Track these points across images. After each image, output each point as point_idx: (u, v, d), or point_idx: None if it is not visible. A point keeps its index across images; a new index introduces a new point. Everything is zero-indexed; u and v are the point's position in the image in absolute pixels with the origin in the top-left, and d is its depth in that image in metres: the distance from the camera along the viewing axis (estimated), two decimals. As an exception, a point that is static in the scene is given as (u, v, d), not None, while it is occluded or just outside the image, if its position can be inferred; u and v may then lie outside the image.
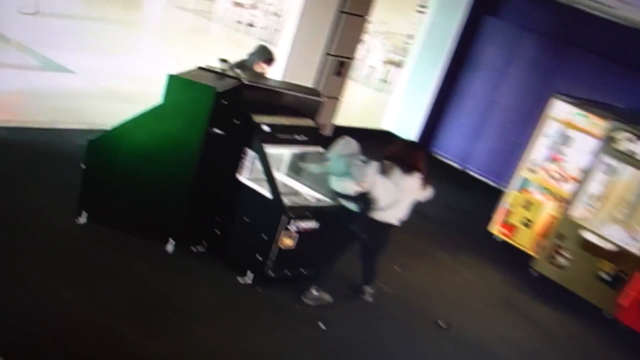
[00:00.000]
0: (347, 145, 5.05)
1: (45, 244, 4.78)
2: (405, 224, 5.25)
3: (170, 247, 5.08)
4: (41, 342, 3.83)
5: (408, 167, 4.84)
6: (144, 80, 8.34)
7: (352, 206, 4.93)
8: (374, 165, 4.86)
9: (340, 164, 4.94)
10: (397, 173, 4.83)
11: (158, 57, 10.07)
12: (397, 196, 4.85)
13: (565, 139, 7.21)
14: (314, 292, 5.05)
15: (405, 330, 5.19)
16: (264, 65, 5.67)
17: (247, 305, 4.84)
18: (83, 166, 5.07)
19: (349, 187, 4.88)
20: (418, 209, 5.14)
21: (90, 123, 6.78)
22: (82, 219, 5.10)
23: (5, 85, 7.32)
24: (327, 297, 5.09)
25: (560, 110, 6.99)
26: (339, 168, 4.93)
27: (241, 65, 5.62)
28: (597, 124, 6.66)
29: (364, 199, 4.85)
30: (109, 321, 4.18)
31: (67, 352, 3.84)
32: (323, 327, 4.83)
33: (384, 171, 4.82)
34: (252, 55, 5.79)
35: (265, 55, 5.76)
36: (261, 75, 5.69)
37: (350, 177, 4.84)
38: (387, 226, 4.99)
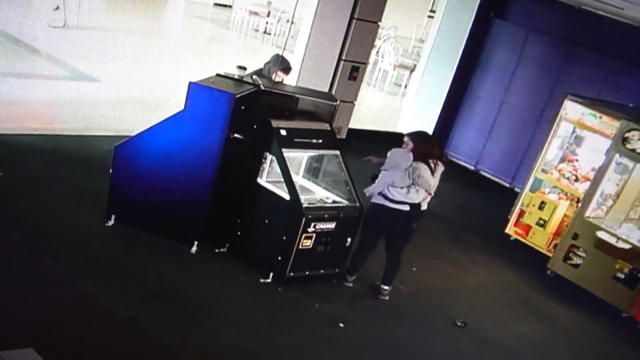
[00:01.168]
0: (405, 156, 4.98)
1: (74, 244, 4.86)
2: (422, 226, 5.28)
3: (194, 248, 5.14)
4: (69, 336, 3.90)
5: (441, 158, 5.13)
6: (167, 87, 8.45)
7: (406, 208, 5.03)
8: (426, 169, 4.98)
9: (405, 176, 4.95)
10: (439, 167, 5.09)
11: (179, 65, 10.17)
12: (436, 185, 5.14)
13: (577, 139, 7.15)
14: (385, 287, 5.29)
15: (423, 328, 5.18)
16: (281, 74, 5.69)
17: (269, 305, 4.87)
18: (110, 171, 5.15)
19: (421, 196, 5.03)
20: (432, 209, 5.16)
21: (117, 130, 6.88)
22: (111, 222, 5.18)
23: (36, 95, 7.47)
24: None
25: (572, 110, 6.92)
26: (405, 180, 4.96)
27: (259, 73, 5.65)
28: (609, 124, 6.59)
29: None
30: (134, 317, 4.23)
31: (93, 345, 3.90)
32: (342, 326, 4.84)
33: (432, 170, 5.01)
34: (268, 63, 5.82)
35: (282, 64, 5.78)
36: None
37: (418, 187, 4.98)
38: (424, 212, 5.22)
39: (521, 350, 5.28)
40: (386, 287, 5.34)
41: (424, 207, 5.17)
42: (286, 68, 5.81)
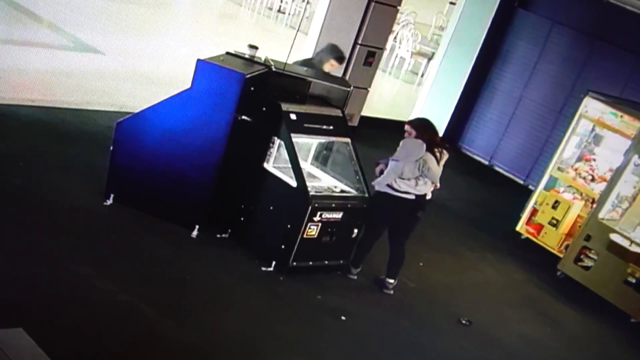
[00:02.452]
0: (418, 147, 4.92)
1: (69, 222, 4.81)
2: (430, 219, 5.22)
3: (195, 232, 5.09)
4: (61, 317, 3.86)
5: (443, 146, 5.10)
6: (174, 63, 8.35)
7: (412, 196, 5.01)
8: (433, 160, 4.95)
9: (414, 167, 4.91)
10: (445, 156, 5.08)
11: (187, 40, 10.07)
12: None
13: (596, 138, 7.06)
14: (390, 281, 5.25)
15: (426, 325, 5.14)
16: (335, 63, 5.56)
17: (269, 294, 4.83)
18: (111, 148, 5.09)
19: (429, 188, 5.03)
20: (443, 204, 5.11)
21: (120, 105, 6.80)
22: (109, 201, 5.13)
23: (36, 64, 7.36)
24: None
25: (592, 108, 6.82)
26: (414, 172, 4.92)
27: (308, 63, 5.54)
28: (630, 124, 6.49)
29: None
30: (129, 300, 4.19)
31: (86, 328, 3.86)
32: (344, 319, 4.80)
33: (437, 159, 4.98)
34: (321, 52, 5.70)
35: (335, 52, 5.63)
36: (328, 74, 5.54)
37: (426, 179, 4.97)
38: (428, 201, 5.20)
39: (525, 351, 5.25)
40: (391, 281, 5.30)
41: (429, 196, 5.14)
42: (339, 57, 5.65)
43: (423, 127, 5.03)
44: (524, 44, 9.02)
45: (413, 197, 4.99)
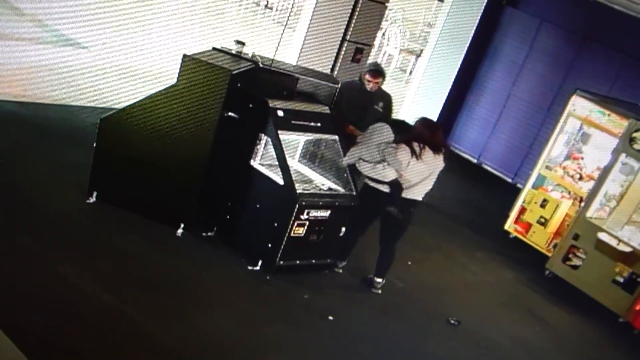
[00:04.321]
0: (382, 132, 5.00)
1: (51, 222, 4.72)
2: (419, 217, 5.18)
3: (180, 231, 5.02)
4: (43, 319, 3.78)
5: (437, 147, 4.98)
6: (159, 58, 8.25)
7: (385, 189, 4.98)
8: (406, 151, 4.88)
9: (375, 151, 4.94)
10: (429, 154, 4.94)
11: (173, 35, 9.95)
12: (427, 174, 5.00)
13: (584, 137, 7.07)
14: (379, 280, 5.24)
15: (415, 325, 5.12)
16: (370, 78, 5.53)
17: (256, 294, 4.78)
18: (94, 145, 4.99)
19: (389, 174, 4.93)
20: (431, 202, 5.07)
21: (103, 101, 6.71)
22: (92, 199, 5.04)
23: (18, 60, 7.25)
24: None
25: (580, 106, 6.84)
26: (374, 155, 4.93)
27: (352, 81, 5.64)
28: (617, 122, 6.52)
29: (397, 182, 4.96)
30: (112, 302, 4.12)
31: (68, 330, 3.78)
32: (331, 319, 4.76)
33: (415, 153, 4.90)
34: (362, 68, 5.74)
35: (370, 66, 5.72)
36: (364, 89, 5.54)
37: (386, 164, 4.91)
38: (415, 203, 5.10)
39: (513, 351, 5.25)
40: (379, 280, 5.27)
41: (419, 198, 5.09)
42: (372, 70, 5.61)
43: (421, 122, 5.12)
44: (512, 42, 9.03)
45: (387, 189, 4.98)
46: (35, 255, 4.31)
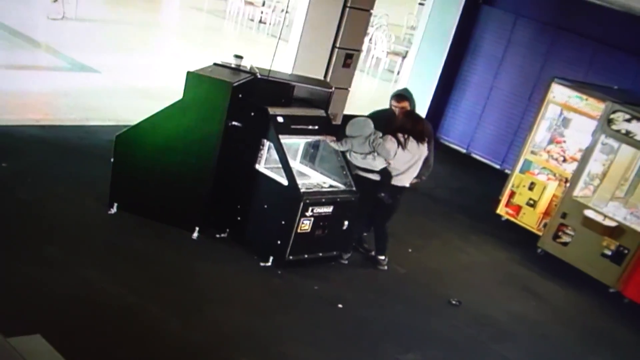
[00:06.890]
0: (365, 125, 5.06)
1: (77, 232, 4.76)
2: (416, 207, 5.19)
3: (195, 234, 5.05)
4: (74, 322, 3.82)
5: (420, 136, 5.09)
6: (165, 77, 8.29)
7: (376, 177, 5.09)
8: (392, 141, 4.98)
9: (363, 143, 5.01)
10: (413, 143, 5.05)
11: (177, 55, 9.99)
12: (412, 162, 5.11)
13: (564, 121, 7.07)
14: (381, 257, 5.39)
15: (419, 307, 5.13)
16: (395, 103, 5.54)
17: (269, 287, 4.80)
18: (112, 160, 5.04)
19: (378, 164, 5.03)
20: (427, 192, 5.09)
21: (117, 119, 6.75)
22: (113, 209, 5.08)
23: (37, 86, 7.31)
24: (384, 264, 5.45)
25: (559, 93, 6.83)
26: (363, 147, 5.01)
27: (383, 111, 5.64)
28: (595, 106, 6.51)
29: (386, 171, 5.09)
30: (135, 302, 4.15)
31: (98, 330, 3.82)
32: (340, 306, 4.78)
33: (401, 143, 5.00)
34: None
35: (396, 91, 5.78)
36: (392, 113, 5.47)
37: (375, 154, 5.00)
38: (402, 189, 5.21)
39: (514, 325, 5.25)
40: (382, 257, 5.41)
41: (406, 184, 5.19)
42: (396, 95, 5.62)
43: (405, 114, 5.23)
44: (490, 38, 9.02)
45: (378, 177, 5.09)
46: (62, 263, 4.35)
